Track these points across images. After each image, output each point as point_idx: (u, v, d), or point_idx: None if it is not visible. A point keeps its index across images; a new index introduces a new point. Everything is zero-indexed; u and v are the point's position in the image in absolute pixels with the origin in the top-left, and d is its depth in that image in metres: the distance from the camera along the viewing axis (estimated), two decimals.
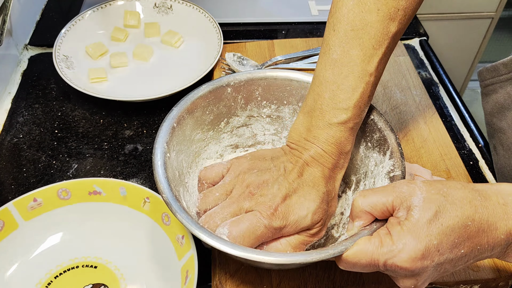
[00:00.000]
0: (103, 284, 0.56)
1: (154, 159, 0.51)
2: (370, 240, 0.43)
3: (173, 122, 0.55)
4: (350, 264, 0.44)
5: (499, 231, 0.41)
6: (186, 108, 0.56)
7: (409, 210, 0.42)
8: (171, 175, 0.51)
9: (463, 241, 0.41)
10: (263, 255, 0.44)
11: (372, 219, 0.46)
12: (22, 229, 0.58)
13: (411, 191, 0.43)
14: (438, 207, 0.41)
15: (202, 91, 0.58)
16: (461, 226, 0.41)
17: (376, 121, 0.55)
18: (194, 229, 0.45)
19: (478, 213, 0.41)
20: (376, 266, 0.43)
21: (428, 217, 0.41)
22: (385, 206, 0.44)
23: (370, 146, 0.55)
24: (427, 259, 0.41)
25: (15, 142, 0.72)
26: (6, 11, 0.76)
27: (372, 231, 0.45)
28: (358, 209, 0.45)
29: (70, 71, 0.79)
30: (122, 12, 0.90)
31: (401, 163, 0.51)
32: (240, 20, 0.94)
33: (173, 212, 0.46)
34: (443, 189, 0.43)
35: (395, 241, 0.41)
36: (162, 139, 0.53)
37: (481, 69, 0.66)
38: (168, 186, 0.49)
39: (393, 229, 0.42)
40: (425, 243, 0.41)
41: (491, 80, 0.64)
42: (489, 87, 0.65)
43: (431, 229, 0.41)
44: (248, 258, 0.44)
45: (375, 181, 0.53)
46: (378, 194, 0.44)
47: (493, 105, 0.65)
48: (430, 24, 1.41)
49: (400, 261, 0.41)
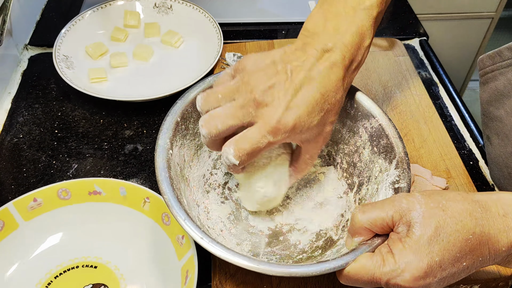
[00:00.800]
0: (103, 284, 0.56)
1: (157, 159, 0.50)
2: (372, 258, 0.43)
3: (177, 116, 0.54)
4: (352, 280, 0.44)
5: (500, 244, 0.41)
6: (190, 101, 0.56)
7: (409, 226, 0.42)
8: (173, 173, 0.51)
9: (465, 254, 0.41)
10: (263, 266, 0.43)
11: (372, 234, 0.45)
12: (22, 229, 0.58)
13: (410, 206, 0.42)
14: (438, 222, 0.41)
15: (207, 84, 0.58)
16: (462, 240, 0.41)
17: (384, 126, 0.55)
18: (196, 234, 0.45)
19: (479, 225, 0.41)
20: (378, 284, 0.43)
21: (429, 234, 0.41)
22: (385, 222, 0.43)
23: (376, 151, 0.55)
24: (429, 277, 0.41)
25: (15, 142, 0.72)
26: (6, 11, 0.76)
27: (373, 247, 0.44)
28: (358, 225, 0.45)
29: (70, 71, 0.79)
30: (122, 12, 0.90)
31: (407, 174, 0.51)
32: (240, 20, 0.94)
33: (176, 218, 0.47)
34: (442, 202, 0.42)
35: (397, 260, 0.41)
36: (165, 135, 0.53)
37: (482, 57, 0.65)
38: (171, 187, 0.48)
39: (395, 247, 0.42)
40: (427, 261, 0.40)
41: (491, 67, 0.64)
42: (488, 75, 0.64)
43: (432, 246, 0.40)
44: (250, 269, 0.43)
45: (379, 188, 0.53)
46: (378, 210, 0.44)
47: (491, 93, 0.64)
48: (430, 24, 1.41)
49: (403, 280, 0.41)
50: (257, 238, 0.57)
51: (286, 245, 0.56)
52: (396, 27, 0.95)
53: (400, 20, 0.97)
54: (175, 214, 0.46)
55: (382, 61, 0.82)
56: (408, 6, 1.02)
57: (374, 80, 0.78)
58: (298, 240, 0.56)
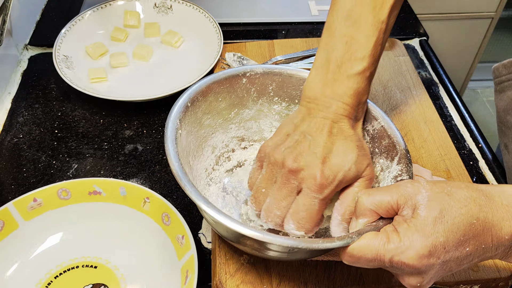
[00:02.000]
0: (103, 284, 0.56)
1: (167, 131, 0.51)
2: (377, 236, 0.43)
3: (187, 101, 0.55)
4: (355, 258, 0.44)
5: (503, 232, 0.42)
6: (201, 90, 0.57)
7: (414, 208, 0.42)
8: (181, 151, 0.51)
9: (468, 239, 0.41)
10: (268, 236, 0.43)
11: (376, 217, 0.46)
12: (22, 229, 0.58)
13: (416, 190, 0.43)
14: (443, 205, 0.41)
15: (218, 77, 0.59)
16: (466, 224, 0.41)
17: (386, 128, 0.55)
18: (201, 203, 0.45)
19: (483, 211, 0.41)
20: (382, 262, 0.43)
21: (434, 215, 0.41)
22: (390, 205, 0.44)
23: (377, 152, 0.55)
24: (433, 257, 0.41)
25: (15, 142, 0.72)
26: (6, 11, 0.76)
27: (377, 228, 0.45)
28: (363, 207, 0.45)
29: (70, 71, 0.79)
30: (122, 12, 0.90)
31: (409, 168, 0.51)
32: (240, 20, 0.94)
33: (182, 186, 0.47)
34: (447, 188, 0.43)
35: (402, 238, 0.41)
36: (176, 115, 0.53)
37: (497, 65, 0.65)
38: (178, 159, 0.49)
39: (400, 226, 0.42)
40: (432, 240, 0.41)
41: (507, 76, 0.64)
42: (504, 84, 0.64)
43: (437, 227, 0.41)
44: (253, 236, 0.43)
45: (380, 185, 0.53)
46: (383, 193, 0.45)
47: (508, 101, 0.64)
48: (430, 24, 1.41)
49: (407, 258, 0.41)
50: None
51: None
52: (396, 27, 0.95)
53: (400, 20, 0.97)
54: (183, 185, 0.47)
55: (382, 61, 0.82)
56: (408, 6, 1.02)
57: (374, 80, 0.78)
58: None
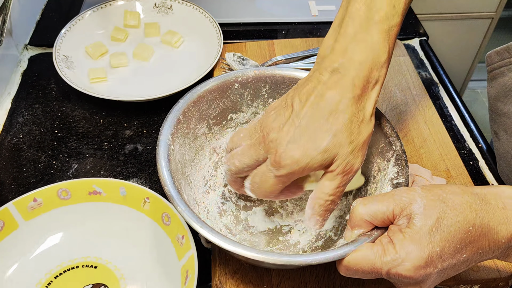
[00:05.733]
0: (103, 284, 0.56)
1: (158, 151, 0.51)
2: (372, 248, 0.43)
3: (179, 114, 0.55)
4: (352, 271, 0.44)
5: (500, 235, 0.41)
6: (193, 101, 0.56)
7: (410, 218, 0.42)
8: (174, 168, 0.51)
9: (465, 246, 0.41)
10: (262, 254, 0.43)
11: (371, 227, 0.45)
12: (22, 229, 0.58)
13: (411, 199, 0.43)
14: (439, 213, 0.41)
15: (209, 85, 0.58)
16: (462, 231, 0.41)
17: (382, 127, 0.55)
18: (195, 223, 0.45)
19: (479, 217, 0.41)
20: (379, 274, 0.43)
21: (430, 224, 0.41)
22: (386, 215, 0.44)
23: (373, 151, 0.55)
24: (430, 267, 0.41)
25: (15, 142, 0.72)
26: (6, 11, 0.76)
27: (373, 238, 0.44)
28: (358, 218, 0.45)
29: (70, 71, 0.79)
30: (122, 12, 0.90)
31: (405, 170, 0.51)
32: (240, 20, 0.94)
33: (175, 205, 0.47)
34: (442, 195, 0.42)
35: (398, 250, 0.41)
36: (167, 131, 0.53)
37: (490, 52, 0.64)
38: (171, 179, 0.49)
39: (395, 237, 0.42)
40: (428, 251, 0.40)
41: (499, 63, 0.63)
42: (496, 71, 0.64)
43: (433, 236, 0.41)
44: (248, 256, 0.43)
45: (378, 186, 0.53)
46: (378, 203, 0.44)
47: (499, 89, 0.64)
48: (430, 24, 1.41)
49: (404, 270, 0.41)
50: (257, 238, 0.57)
51: (286, 245, 0.56)
52: None
53: None
54: (175, 204, 0.47)
55: None
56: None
57: None
58: (298, 240, 0.56)
